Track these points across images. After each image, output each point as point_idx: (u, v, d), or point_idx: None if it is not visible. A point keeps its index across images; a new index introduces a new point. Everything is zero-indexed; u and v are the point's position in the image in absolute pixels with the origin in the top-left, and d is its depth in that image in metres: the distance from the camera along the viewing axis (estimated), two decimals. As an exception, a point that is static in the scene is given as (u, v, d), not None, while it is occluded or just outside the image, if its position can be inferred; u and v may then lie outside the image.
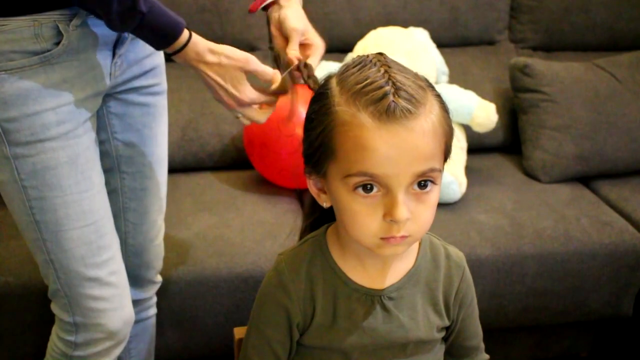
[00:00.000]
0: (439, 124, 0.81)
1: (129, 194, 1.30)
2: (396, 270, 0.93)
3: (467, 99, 1.93)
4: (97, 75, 1.11)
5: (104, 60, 1.12)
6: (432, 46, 2.10)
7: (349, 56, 2.07)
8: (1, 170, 1.08)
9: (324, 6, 2.18)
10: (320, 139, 0.83)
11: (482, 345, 1.06)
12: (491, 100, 2.01)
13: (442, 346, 1.02)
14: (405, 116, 0.78)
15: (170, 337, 1.65)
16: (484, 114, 1.93)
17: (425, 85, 0.83)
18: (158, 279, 1.46)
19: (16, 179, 1.07)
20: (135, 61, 1.20)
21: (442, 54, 2.12)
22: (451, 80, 2.11)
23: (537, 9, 2.31)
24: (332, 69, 0.88)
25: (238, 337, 1.06)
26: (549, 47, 2.37)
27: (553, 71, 2.07)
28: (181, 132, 1.99)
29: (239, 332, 1.07)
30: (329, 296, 0.93)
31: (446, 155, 0.85)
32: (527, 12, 2.33)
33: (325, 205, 0.89)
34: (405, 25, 2.12)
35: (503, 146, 2.20)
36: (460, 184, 1.84)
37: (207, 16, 2.11)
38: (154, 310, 1.49)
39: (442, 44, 2.18)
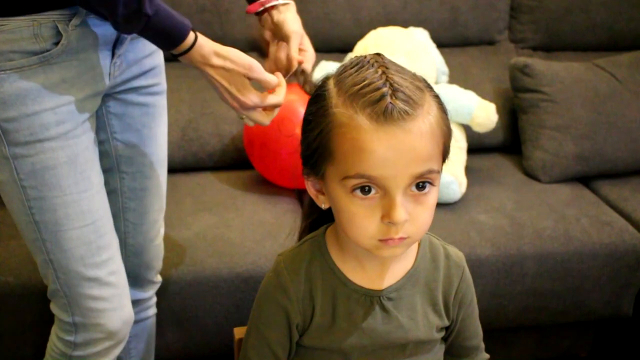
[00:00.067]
0: (436, 125, 0.81)
1: (128, 194, 1.30)
2: (395, 271, 0.93)
3: (467, 99, 1.93)
4: (97, 75, 1.11)
5: (103, 60, 1.11)
6: (432, 46, 2.10)
7: (349, 56, 2.06)
8: (0, 171, 1.08)
9: (324, 6, 2.18)
10: (318, 141, 0.83)
11: (482, 345, 1.06)
12: (491, 100, 2.00)
13: (442, 346, 1.02)
14: (402, 118, 0.77)
15: (170, 337, 1.64)
16: (484, 114, 1.92)
17: (423, 86, 0.83)
18: (158, 279, 1.46)
19: (15, 179, 1.07)
20: (135, 61, 1.19)
21: (442, 54, 2.12)
22: (451, 80, 2.11)
23: (537, 9, 2.31)
24: (331, 69, 0.88)
25: (238, 337, 1.06)
26: (549, 47, 2.36)
27: (553, 71, 2.07)
28: (181, 132, 1.98)
29: (239, 332, 1.07)
30: (328, 297, 0.92)
31: (444, 156, 0.84)
32: (527, 12, 2.33)
33: (324, 206, 0.89)
34: (405, 25, 2.12)
35: (503, 146, 2.20)
36: (460, 184, 1.84)
37: (207, 16, 2.11)
38: (153, 310, 1.49)
39: (442, 44, 2.18)
